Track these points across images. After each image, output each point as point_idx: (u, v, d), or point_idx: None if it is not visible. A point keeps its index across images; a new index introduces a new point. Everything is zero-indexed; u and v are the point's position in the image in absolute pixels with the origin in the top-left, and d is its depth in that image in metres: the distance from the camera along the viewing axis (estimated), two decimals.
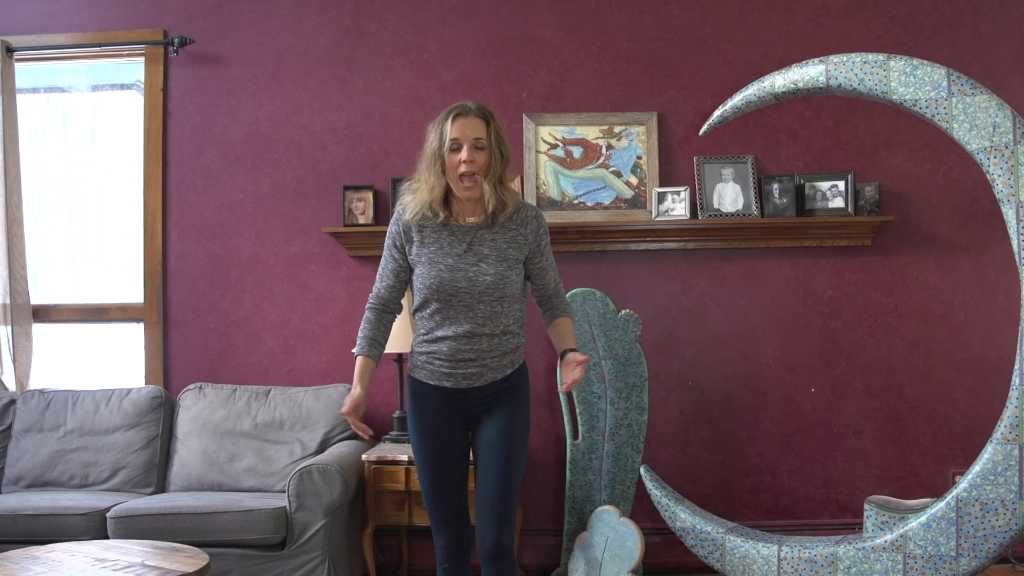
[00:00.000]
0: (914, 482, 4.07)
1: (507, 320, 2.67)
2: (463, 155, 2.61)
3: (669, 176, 4.15)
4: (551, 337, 2.81)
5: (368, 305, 2.79)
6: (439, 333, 2.65)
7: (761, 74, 3.54)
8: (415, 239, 2.70)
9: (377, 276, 2.80)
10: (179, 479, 3.87)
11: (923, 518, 3.07)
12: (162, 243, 4.25)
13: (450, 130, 2.62)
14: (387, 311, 2.79)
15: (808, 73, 3.20)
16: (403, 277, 2.77)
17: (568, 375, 2.61)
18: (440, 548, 2.70)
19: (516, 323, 2.71)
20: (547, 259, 2.77)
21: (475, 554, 2.69)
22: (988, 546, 3.00)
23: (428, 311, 2.68)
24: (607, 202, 4.13)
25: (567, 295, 3.77)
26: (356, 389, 2.68)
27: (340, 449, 3.73)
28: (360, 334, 2.76)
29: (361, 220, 4.11)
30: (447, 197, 2.70)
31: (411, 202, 2.71)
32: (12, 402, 4.03)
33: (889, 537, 3.11)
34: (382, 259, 2.79)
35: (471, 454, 2.76)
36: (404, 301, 2.85)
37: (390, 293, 2.77)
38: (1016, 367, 2.99)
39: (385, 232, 4.04)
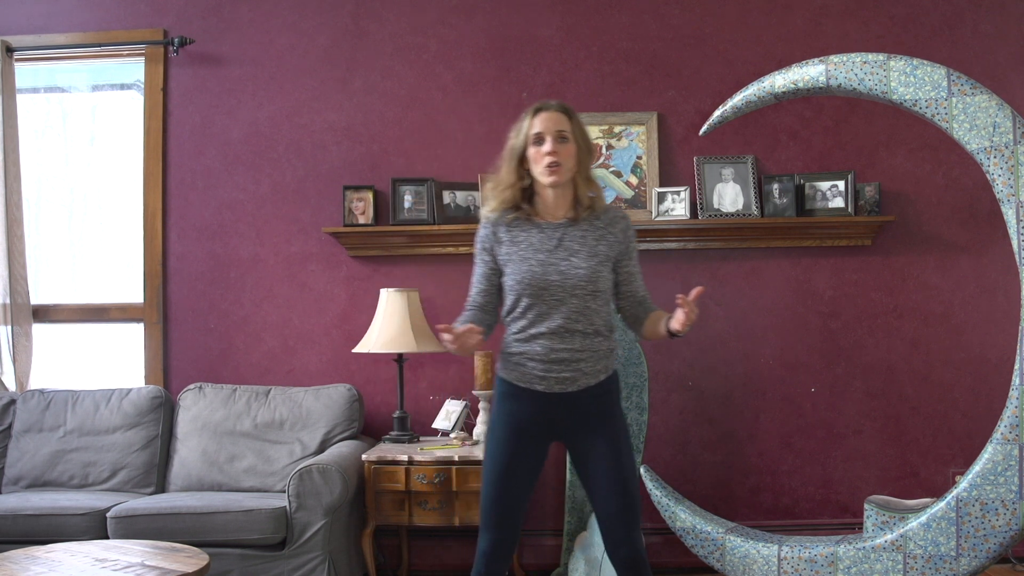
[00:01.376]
0: (914, 482, 4.07)
1: (598, 319, 2.63)
2: (547, 146, 2.60)
3: (669, 176, 4.15)
4: (647, 330, 2.70)
5: (465, 313, 2.74)
6: (532, 331, 2.61)
7: (761, 74, 3.53)
8: (504, 239, 2.68)
9: (471, 285, 2.75)
10: (179, 479, 3.87)
11: (923, 518, 3.07)
12: (162, 243, 4.25)
13: (532, 124, 2.63)
14: (486, 311, 2.73)
15: (808, 73, 3.20)
16: (495, 280, 2.72)
17: (682, 312, 2.53)
18: (481, 551, 2.63)
19: (606, 325, 2.66)
20: (635, 264, 2.73)
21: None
22: (988, 546, 3.00)
23: (520, 309, 2.63)
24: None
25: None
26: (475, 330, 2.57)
27: (340, 449, 3.73)
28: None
29: (361, 220, 4.11)
30: (531, 196, 2.68)
31: (494, 201, 2.69)
32: (12, 402, 4.03)
33: (889, 537, 3.11)
34: (474, 267, 2.75)
35: (575, 467, 2.71)
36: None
37: (486, 298, 2.72)
38: (1016, 367, 2.99)
39: (385, 232, 4.09)
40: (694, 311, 2.51)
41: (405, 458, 3.59)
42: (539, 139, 2.61)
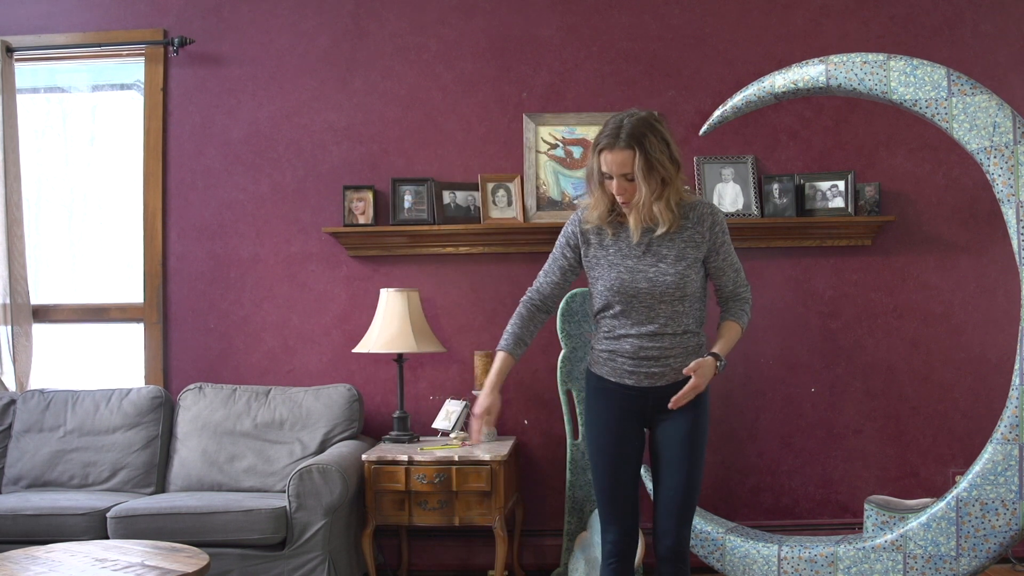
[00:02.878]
0: (914, 482, 4.07)
1: (688, 320, 2.66)
2: (614, 187, 2.59)
3: None
4: (721, 326, 2.78)
5: (524, 299, 2.79)
6: (621, 332, 2.65)
7: (761, 74, 3.54)
8: (592, 241, 2.70)
9: (541, 272, 2.80)
10: (179, 479, 3.87)
11: (923, 518, 3.08)
12: (162, 243, 4.25)
13: (600, 161, 2.59)
14: (542, 309, 2.79)
15: (808, 73, 3.21)
16: (569, 277, 2.77)
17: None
18: (609, 543, 2.68)
19: (696, 323, 2.70)
20: (724, 259, 2.72)
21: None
22: (988, 546, 3.00)
23: (611, 313, 2.67)
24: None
25: (568, 294, 3.79)
26: (492, 390, 2.67)
27: (340, 449, 3.72)
28: (507, 329, 2.75)
29: (361, 220, 4.11)
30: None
31: (590, 215, 2.69)
32: (12, 402, 4.03)
33: (889, 537, 3.11)
34: (550, 256, 2.79)
35: (648, 453, 2.76)
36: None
37: (552, 289, 2.77)
38: (1016, 367, 2.99)
39: (385, 232, 4.09)
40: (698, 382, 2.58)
41: (405, 458, 3.59)
42: (608, 176, 2.60)
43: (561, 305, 3.81)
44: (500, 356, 2.72)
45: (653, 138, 2.56)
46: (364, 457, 3.63)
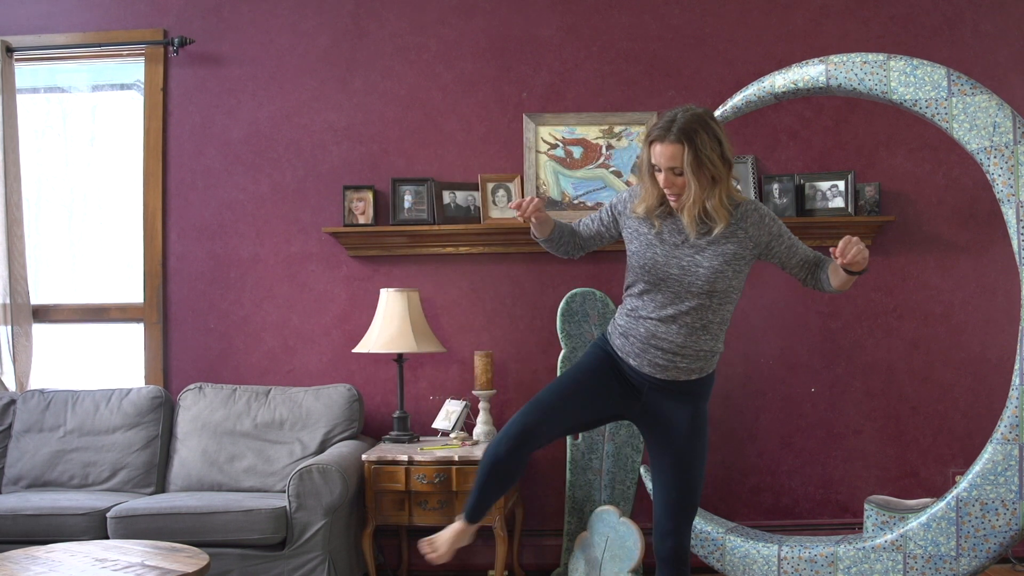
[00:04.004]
0: (914, 482, 4.07)
1: (711, 315, 2.62)
2: (662, 180, 2.58)
3: None
4: (834, 281, 2.69)
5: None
6: (643, 312, 2.65)
7: (761, 74, 3.54)
8: (638, 219, 2.70)
9: (582, 220, 2.86)
10: (179, 479, 3.87)
11: (923, 518, 3.08)
12: (162, 243, 4.25)
13: (651, 153, 2.59)
14: (577, 236, 2.84)
15: (808, 73, 3.21)
16: (603, 236, 2.83)
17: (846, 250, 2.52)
18: (512, 424, 2.62)
19: (718, 325, 2.66)
20: (786, 241, 2.71)
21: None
22: (988, 546, 3.00)
23: (637, 290, 2.68)
24: (607, 202, 4.12)
25: (567, 295, 3.80)
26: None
27: (340, 449, 3.72)
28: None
29: (361, 220, 4.11)
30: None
31: (638, 206, 2.68)
32: (12, 402, 4.03)
33: (889, 537, 3.11)
34: (595, 213, 2.85)
35: (647, 453, 2.76)
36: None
37: (585, 234, 2.84)
38: (1016, 367, 3.00)
39: (385, 232, 4.10)
40: (855, 252, 2.51)
41: (405, 458, 3.59)
42: (657, 168, 2.59)
43: (561, 305, 3.82)
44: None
45: (705, 135, 2.53)
46: (364, 457, 3.63)
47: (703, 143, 2.52)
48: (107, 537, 3.40)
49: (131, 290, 4.34)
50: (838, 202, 4.02)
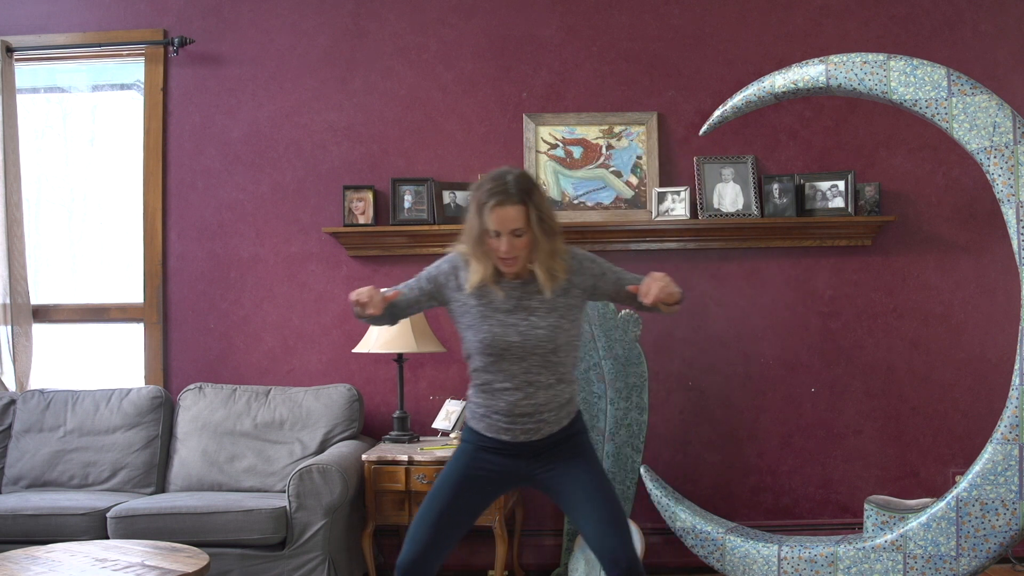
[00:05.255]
0: (914, 482, 4.07)
1: (562, 368, 2.62)
2: (503, 246, 2.53)
3: (669, 176, 4.15)
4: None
5: None
6: (496, 385, 2.62)
7: (761, 74, 3.53)
8: (464, 286, 2.64)
9: (402, 284, 2.75)
10: (179, 479, 3.87)
11: (923, 518, 3.08)
12: (162, 243, 4.25)
13: (489, 220, 2.52)
14: (395, 307, 2.72)
15: (808, 73, 3.21)
16: (420, 304, 2.73)
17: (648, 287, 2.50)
18: (402, 563, 2.59)
19: (570, 371, 2.67)
20: (612, 276, 2.67)
21: None
22: (988, 546, 3.00)
23: (481, 364, 2.64)
24: (607, 202, 4.13)
25: None
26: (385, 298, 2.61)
27: (340, 449, 3.72)
28: None
29: (361, 220, 4.11)
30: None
31: (475, 277, 2.60)
32: (12, 402, 4.03)
33: (889, 537, 3.11)
34: (414, 279, 2.74)
35: (559, 504, 2.72)
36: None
37: (402, 302, 2.71)
38: (1016, 367, 2.99)
39: (385, 232, 4.09)
40: (656, 293, 2.47)
41: (405, 458, 3.59)
42: (497, 234, 2.53)
43: None
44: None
45: (537, 191, 2.56)
46: (364, 457, 3.63)
47: (540, 198, 2.55)
48: (107, 537, 3.40)
49: (131, 290, 4.34)
50: (838, 202, 4.02)
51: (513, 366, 2.59)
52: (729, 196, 4.07)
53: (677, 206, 4.03)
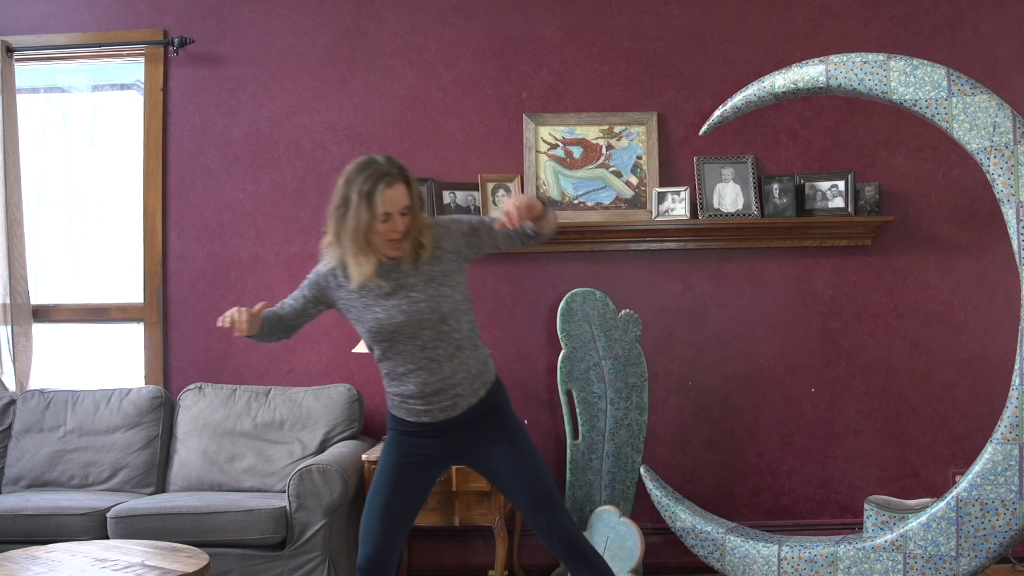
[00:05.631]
0: (914, 482, 4.07)
1: (457, 336, 2.63)
2: (397, 226, 2.56)
3: (669, 176, 4.15)
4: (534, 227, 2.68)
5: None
6: (400, 370, 2.64)
7: (761, 74, 3.53)
8: (344, 284, 2.68)
9: (289, 297, 2.81)
10: (179, 479, 3.87)
11: (923, 518, 3.08)
12: (162, 243, 4.25)
13: (380, 205, 2.53)
14: (284, 320, 2.77)
15: (808, 73, 3.21)
16: (310, 312, 2.77)
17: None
18: (360, 565, 2.67)
19: (468, 337, 2.67)
20: (482, 225, 2.69)
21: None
22: (988, 546, 3.00)
23: (379, 353, 2.68)
24: (607, 202, 4.13)
25: (567, 295, 3.80)
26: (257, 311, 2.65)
27: (340, 449, 3.72)
28: None
29: None
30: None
31: (359, 274, 2.61)
32: (12, 402, 4.03)
33: (889, 537, 3.11)
34: (299, 289, 2.79)
35: (488, 478, 2.78)
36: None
37: (291, 312, 2.77)
38: (1016, 367, 2.99)
39: None
40: (521, 211, 2.49)
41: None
42: (387, 217, 2.55)
43: (561, 305, 3.82)
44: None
45: (407, 168, 2.64)
46: (364, 457, 3.63)
47: (411, 174, 2.63)
48: (107, 537, 3.40)
49: (131, 290, 4.34)
50: (838, 202, 4.02)
51: (408, 346, 2.61)
52: (729, 196, 4.07)
53: (677, 206, 4.03)
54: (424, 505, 2.85)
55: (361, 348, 3.88)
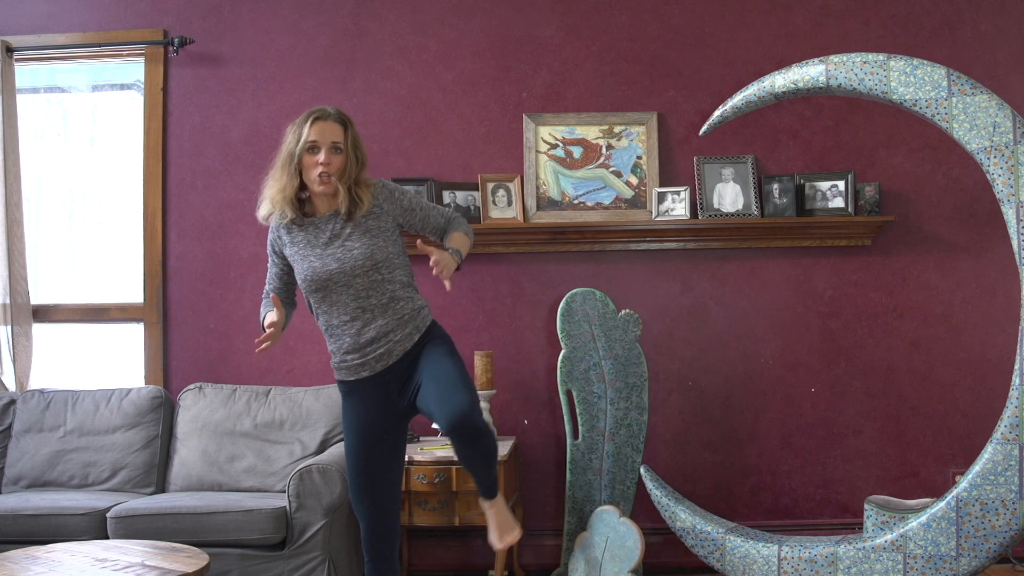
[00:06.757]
0: (914, 482, 4.07)
1: (391, 286, 2.75)
2: (321, 157, 2.71)
3: (669, 176, 4.15)
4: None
5: (263, 296, 2.97)
6: (334, 322, 2.75)
7: (761, 74, 3.53)
8: (286, 240, 2.82)
9: (267, 280, 2.97)
10: (179, 479, 3.87)
11: (923, 518, 3.08)
12: (162, 243, 4.25)
13: (308, 132, 2.72)
14: (283, 294, 2.95)
15: (808, 73, 3.20)
16: (286, 279, 2.92)
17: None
18: (364, 539, 2.83)
19: (403, 287, 2.78)
20: (424, 210, 2.90)
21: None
22: (988, 546, 3.00)
23: (315, 305, 2.79)
24: (607, 202, 4.13)
25: (567, 295, 3.80)
26: (277, 313, 2.79)
27: (340, 449, 3.72)
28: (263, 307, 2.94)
29: None
30: (302, 198, 2.81)
31: (265, 201, 2.82)
32: (12, 402, 4.03)
33: (889, 537, 3.11)
34: (269, 266, 2.95)
35: (419, 395, 2.81)
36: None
37: (279, 287, 2.94)
38: (1016, 367, 2.99)
39: None
40: (443, 270, 2.73)
41: (406, 458, 3.58)
42: (314, 147, 2.72)
43: (561, 305, 3.82)
44: (274, 298, 2.81)
45: (355, 128, 2.81)
46: None
47: (356, 130, 2.81)
48: (107, 537, 3.40)
49: (131, 290, 4.34)
50: (838, 202, 4.02)
51: (342, 296, 2.72)
52: (729, 196, 4.07)
53: (677, 206, 4.03)
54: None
55: None
